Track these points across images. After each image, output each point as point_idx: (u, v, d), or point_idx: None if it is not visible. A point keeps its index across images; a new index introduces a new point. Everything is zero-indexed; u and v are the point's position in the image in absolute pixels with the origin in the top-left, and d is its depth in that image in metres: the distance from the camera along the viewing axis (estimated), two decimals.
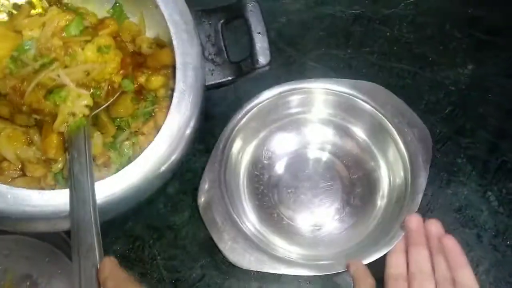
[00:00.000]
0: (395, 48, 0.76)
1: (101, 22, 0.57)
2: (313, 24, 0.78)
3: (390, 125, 0.63)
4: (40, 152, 0.52)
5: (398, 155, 0.63)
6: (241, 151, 0.66)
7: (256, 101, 0.64)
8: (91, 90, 0.53)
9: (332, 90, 0.65)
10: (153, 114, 0.57)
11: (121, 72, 0.55)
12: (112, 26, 0.56)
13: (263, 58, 0.58)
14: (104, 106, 0.54)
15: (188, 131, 0.50)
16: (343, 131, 0.68)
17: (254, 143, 0.67)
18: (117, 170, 0.48)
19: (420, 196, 0.58)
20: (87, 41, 0.53)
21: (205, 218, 0.57)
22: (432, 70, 0.75)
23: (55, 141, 0.51)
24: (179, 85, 0.50)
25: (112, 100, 0.55)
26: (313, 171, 0.67)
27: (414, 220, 0.54)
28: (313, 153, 0.68)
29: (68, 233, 0.58)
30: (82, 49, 0.53)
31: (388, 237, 0.56)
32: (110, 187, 0.47)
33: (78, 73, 0.52)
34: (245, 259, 0.55)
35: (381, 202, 0.64)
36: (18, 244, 0.61)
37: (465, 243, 0.63)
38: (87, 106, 0.52)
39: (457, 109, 0.72)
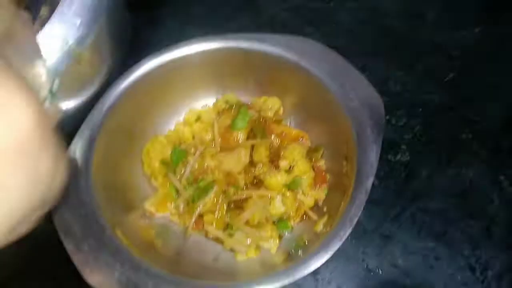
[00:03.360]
0: (387, 2, 0.62)
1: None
2: None
3: (328, 88, 0.46)
4: None
5: (337, 128, 0.46)
6: None
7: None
8: None
9: (254, 49, 0.48)
10: None
11: None
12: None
13: None
14: None
15: None
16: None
17: None
18: None
19: (370, 182, 0.40)
20: None
21: (56, 218, 0.40)
22: (433, 29, 0.61)
23: None
24: None
25: None
26: None
27: None
28: None
29: None
30: None
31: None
32: None
33: None
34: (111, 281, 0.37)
35: None
36: None
37: (469, 238, 0.47)
38: None
39: (462, 76, 0.57)
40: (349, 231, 0.38)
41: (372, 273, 0.45)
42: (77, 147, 0.43)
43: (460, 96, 0.56)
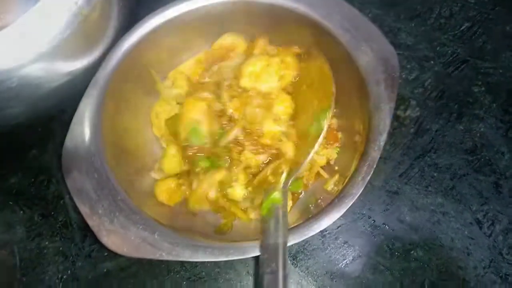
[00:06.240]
0: None
1: None
2: None
3: (339, 41, 0.44)
4: None
5: (350, 84, 0.44)
6: None
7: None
8: None
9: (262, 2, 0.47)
10: None
11: None
12: None
13: None
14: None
15: None
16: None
17: None
18: None
19: (383, 138, 0.39)
20: None
21: (69, 182, 0.40)
22: None
23: None
24: None
25: None
26: None
27: None
28: None
29: None
30: None
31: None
32: None
33: None
34: (127, 243, 0.38)
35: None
36: None
37: (477, 193, 0.47)
38: None
39: (477, 26, 0.55)
40: (361, 189, 0.38)
41: (378, 229, 0.46)
42: (86, 111, 0.42)
43: (475, 47, 0.54)
